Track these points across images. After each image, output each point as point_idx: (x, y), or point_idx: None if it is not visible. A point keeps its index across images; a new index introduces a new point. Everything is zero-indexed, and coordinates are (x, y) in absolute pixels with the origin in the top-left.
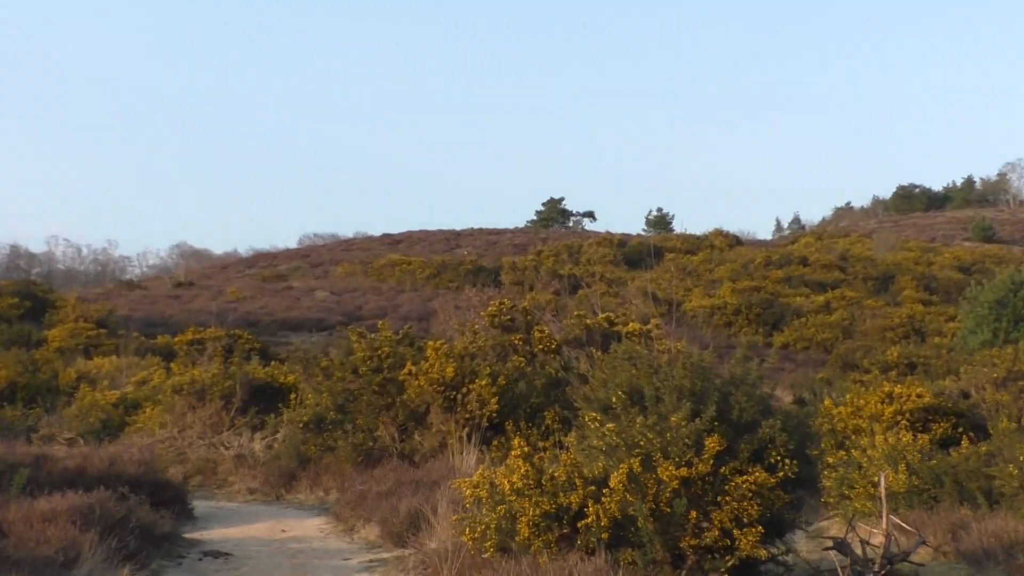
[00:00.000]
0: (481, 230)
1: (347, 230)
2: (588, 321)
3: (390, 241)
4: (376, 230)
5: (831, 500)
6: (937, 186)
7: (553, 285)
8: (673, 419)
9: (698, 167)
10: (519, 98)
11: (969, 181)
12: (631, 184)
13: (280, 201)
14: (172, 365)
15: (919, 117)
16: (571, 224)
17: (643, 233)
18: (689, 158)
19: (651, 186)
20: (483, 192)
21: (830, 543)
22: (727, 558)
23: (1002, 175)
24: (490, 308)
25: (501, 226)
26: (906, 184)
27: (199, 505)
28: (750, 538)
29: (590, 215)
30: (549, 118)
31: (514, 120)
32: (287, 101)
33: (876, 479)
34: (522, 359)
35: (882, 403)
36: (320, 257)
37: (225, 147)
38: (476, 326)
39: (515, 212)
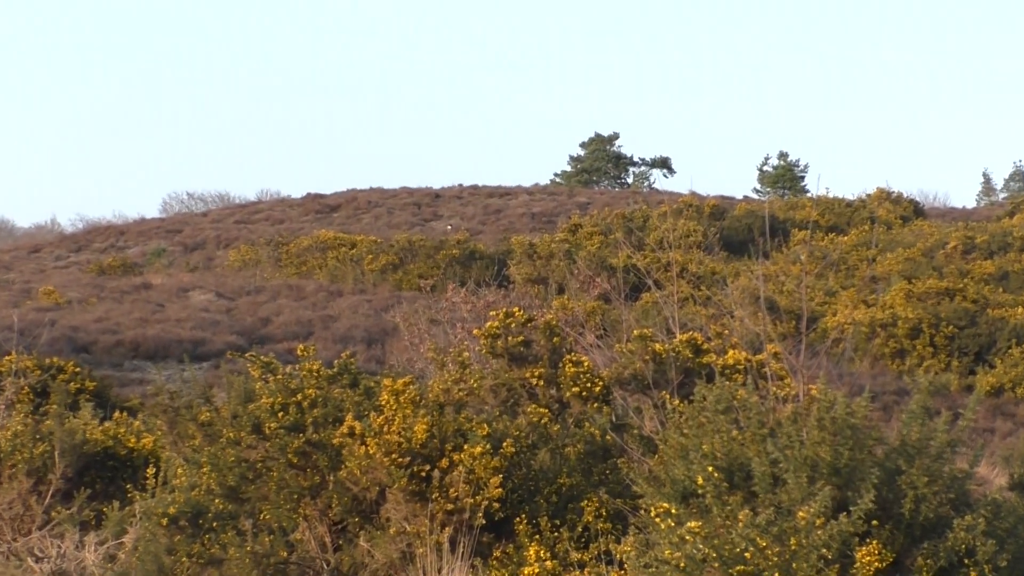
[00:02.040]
0: (475, 190)
1: (244, 189)
2: (658, 347)
3: (319, 207)
4: (295, 189)
5: None
6: None
7: (599, 284)
8: (802, 514)
9: (846, 84)
10: None
11: None
12: (731, 115)
13: (129, 142)
14: None
15: None
16: (631, 180)
17: (754, 196)
18: (829, 70)
19: (766, 118)
20: (479, 128)
21: None
22: None
23: None
24: (490, 323)
25: (510, 183)
26: None
27: None
28: None
29: (663, 164)
30: (588, 11)
31: (528, 14)
32: None
33: None
34: (544, 411)
35: None
36: (198, 234)
37: (33, 60)
38: (466, 354)
39: (534, 161)
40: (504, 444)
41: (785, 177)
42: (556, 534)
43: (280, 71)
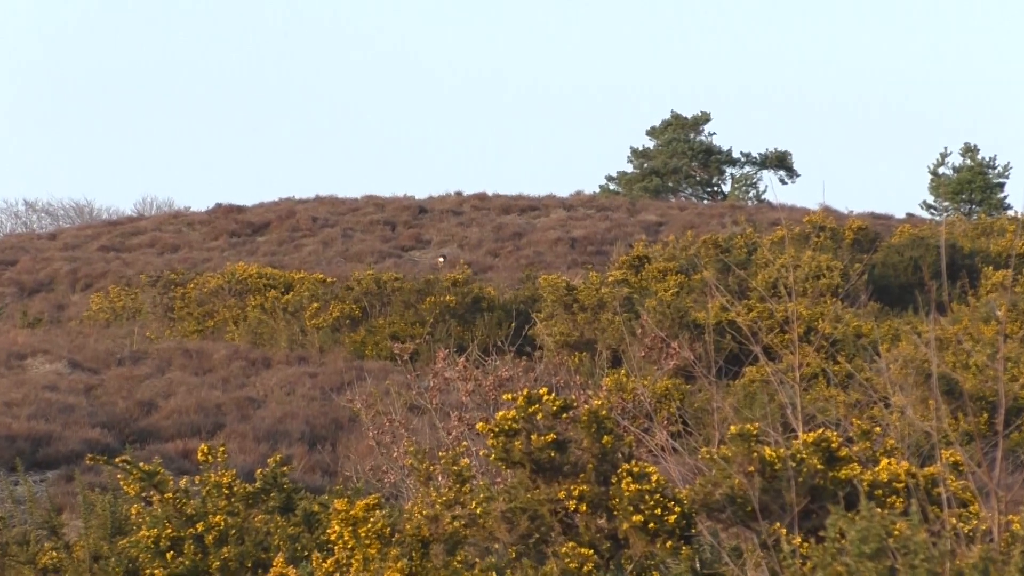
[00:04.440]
0: (483, 201)
1: (117, 197)
2: (770, 452)
3: (236, 227)
4: (198, 198)
5: None
6: None
7: (676, 352)
8: None
9: None
10: None
11: None
12: (884, 88)
13: None
14: None
15: None
16: (728, 188)
17: (923, 214)
18: None
19: (942, 92)
20: (486, 111)
21: None
22: None
23: None
24: (504, 413)
25: (536, 191)
26: None
27: None
28: None
29: (779, 163)
30: None
31: None
32: None
33: None
34: (588, 552)
35: None
36: (42, 267)
37: None
38: (465, 461)
39: (574, 158)
40: None
41: (974, 185)
42: None
43: (168, 30)
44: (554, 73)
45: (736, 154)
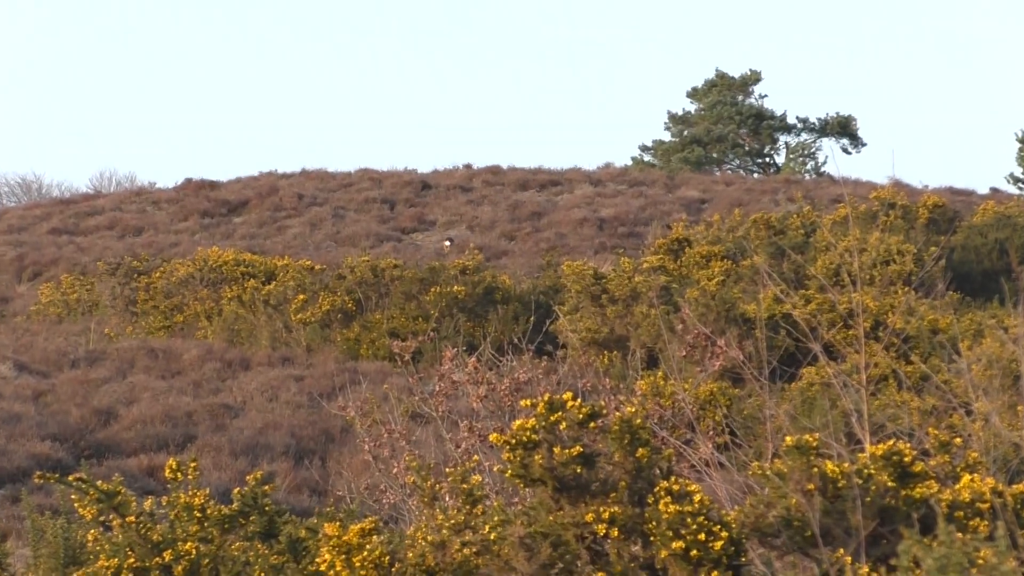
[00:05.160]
0: (495, 175)
1: (70, 171)
2: (830, 468)
3: (208, 205)
4: (165, 172)
5: None
6: None
7: (721, 350)
8: None
9: None
10: None
11: None
12: (960, 44)
13: None
14: None
15: None
16: (782, 159)
17: (1011, 190)
18: None
19: None
20: (498, 74)
21: None
22: None
23: None
24: (522, 422)
25: (558, 164)
26: None
27: None
28: None
29: (842, 130)
30: None
31: None
32: None
33: None
34: None
35: None
36: None
37: None
38: (477, 477)
39: (601, 126)
40: None
41: None
42: None
43: None
44: (577, 27)
45: (791, 119)
